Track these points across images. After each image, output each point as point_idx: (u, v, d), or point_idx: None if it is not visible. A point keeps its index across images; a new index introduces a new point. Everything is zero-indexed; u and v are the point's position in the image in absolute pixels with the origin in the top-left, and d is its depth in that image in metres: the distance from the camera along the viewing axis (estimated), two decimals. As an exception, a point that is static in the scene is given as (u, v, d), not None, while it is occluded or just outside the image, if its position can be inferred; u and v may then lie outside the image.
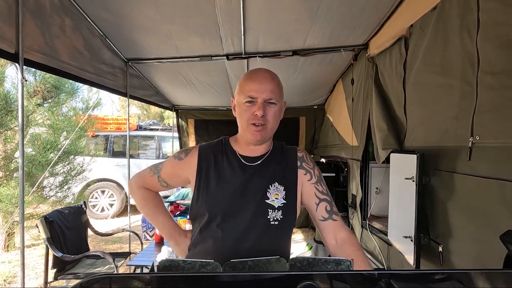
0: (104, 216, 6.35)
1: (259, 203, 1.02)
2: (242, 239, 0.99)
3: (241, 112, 1.04)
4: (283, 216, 1.03)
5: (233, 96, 1.11)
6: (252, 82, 1.02)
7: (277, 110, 1.03)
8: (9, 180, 4.48)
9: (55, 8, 2.01)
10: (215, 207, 1.03)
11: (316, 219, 1.08)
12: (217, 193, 1.04)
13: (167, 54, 2.97)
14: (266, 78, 1.02)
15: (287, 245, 1.08)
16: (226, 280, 0.53)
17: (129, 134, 3.80)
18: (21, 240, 1.84)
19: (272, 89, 1.01)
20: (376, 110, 2.27)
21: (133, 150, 7.09)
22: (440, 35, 1.59)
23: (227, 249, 0.98)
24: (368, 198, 2.69)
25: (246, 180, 1.05)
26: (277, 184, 1.05)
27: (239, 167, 1.07)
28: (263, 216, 1.02)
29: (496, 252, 1.14)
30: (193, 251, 1.08)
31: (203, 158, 1.09)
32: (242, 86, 1.04)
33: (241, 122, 1.05)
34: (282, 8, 2.19)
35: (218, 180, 1.05)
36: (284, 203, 1.04)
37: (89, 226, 3.20)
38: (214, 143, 1.15)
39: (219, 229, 1.01)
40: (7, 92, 4.21)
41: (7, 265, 4.07)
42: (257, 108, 0.99)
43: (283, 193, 1.05)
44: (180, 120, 5.11)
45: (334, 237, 1.04)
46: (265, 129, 1.02)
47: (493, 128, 1.23)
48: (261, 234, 1.01)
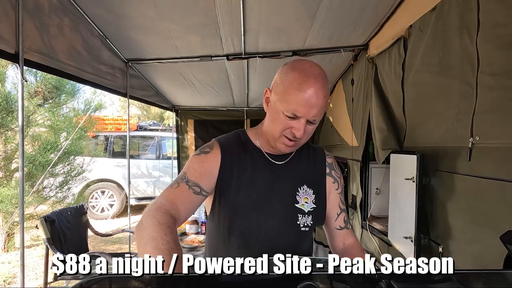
0: (104, 216, 6.35)
1: (288, 208, 0.94)
2: (270, 247, 0.91)
3: (277, 120, 0.87)
4: (313, 222, 0.97)
5: (269, 88, 0.93)
6: (302, 96, 0.82)
7: (315, 126, 0.90)
8: (9, 180, 4.48)
9: (54, 8, 2.01)
10: (239, 212, 0.93)
11: (332, 227, 1.05)
12: (241, 195, 0.93)
13: (167, 54, 2.97)
14: (319, 95, 0.82)
15: (311, 247, 1.06)
16: (226, 281, 0.53)
17: (129, 135, 3.80)
18: (21, 240, 1.84)
19: (321, 108, 0.84)
20: (376, 110, 2.27)
21: (133, 151, 7.09)
22: (439, 35, 1.59)
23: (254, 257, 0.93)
24: (368, 199, 2.69)
25: (274, 181, 0.95)
26: (306, 187, 0.98)
27: (265, 166, 0.96)
28: (292, 221, 0.94)
29: (496, 252, 1.13)
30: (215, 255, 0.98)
31: (225, 154, 0.94)
32: (288, 93, 0.84)
33: (273, 129, 0.90)
34: (282, 9, 2.19)
35: (242, 180, 0.94)
36: (314, 207, 0.97)
37: (89, 227, 3.21)
38: (232, 138, 1.00)
39: (245, 235, 0.93)
40: (8, 93, 4.22)
41: (7, 265, 4.07)
42: (298, 128, 0.84)
43: (313, 197, 0.98)
44: (180, 120, 5.11)
45: (343, 242, 1.04)
46: (297, 144, 0.91)
47: (493, 128, 1.23)
48: (291, 240, 0.94)
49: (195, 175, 0.89)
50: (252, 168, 0.95)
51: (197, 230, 2.77)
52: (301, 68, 0.85)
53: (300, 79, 0.83)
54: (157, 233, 0.71)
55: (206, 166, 0.92)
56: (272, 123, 0.90)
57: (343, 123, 3.46)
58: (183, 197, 0.85)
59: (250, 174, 0.95)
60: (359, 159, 2.77)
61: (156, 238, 0.70)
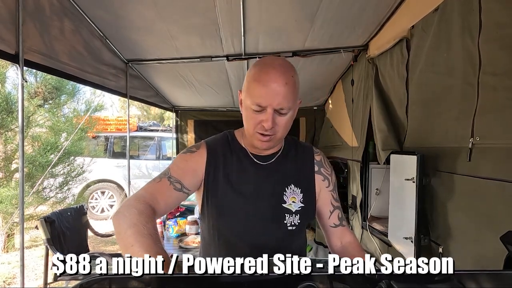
0: (104, 217, 6.34)
1: (275, 208, 0.94)
2: (259, 247, 0.91)
3: (247, 116, 0.88)
4: (301, 221, 0.96)
5: (240, 90, 0.94)
6: (261, 86, 0.83)
7: (289, 118, 0.87)
8: (9, 181, 4.48)
9: (55, 9, 2.01)
10: (226, 212, 0.94)
11: (326, 225, 1.04)
12: (227, 196, 0.94)
13: (167, 55, 2.97)
14: (279, 82, 0.82)
15: (304, 247, 1.05)
16: (227, 281, 0.53)
17: (129, 135, 3.80)
18: (21, 241, 1.83)
19: (285, 96, 0.83)
20: (377, 111, 2.27)
21: (133, 151, 7.08)
22: (442, 36, 1.59)
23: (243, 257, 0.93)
24: (368, 199, 2.69)
25: (260, 182, 0.95)
26: (293, 186, 0.97)
27: (251, 167, 0.96)
28: (279, 221, 0.94)
29: (497, 253, 1.13)
30: (208, 255, 1.00)
31: (211, 155, 0.96)
32: (250, 87, 0.85)
33: (247, 126, 0.91)
34: (282, 9, 2.19)
35: (227, 181, 0.94)
36: (302, 206, 0.96)
37: (89, 227, 3.20)
38: (219, 139, 1.01)
39: (233, 236, 0.94)
40: (8, 93, 4.22)
41: (6, 266, 4.06)
42: (266, 119, 0.84)
43: (300, 196, 0.97)
44: (179, 120, 5.11)
45: (340, 240, 1.03)
46: (273, 139, 0.89)
47: (493, 129, 1.23)
48: (278, 240, 0.94)
49: (178, 172, 0.92)
50: (237, 168, 0.96)
51: (197, 231, 2.77)
52: (262, 63, 0.88)
53: (259, 71, 0.85)
54: (137, 220, 0.73)
55: (190, 165, 0.94)
56: (246, 122, 0.91)
57: (343, 123, 3.46)
58: (163, 192, 0.87)
59: (236, 174, 0.95)
60: (359, 160, 2.77)
61: (137, 224, 0.71)
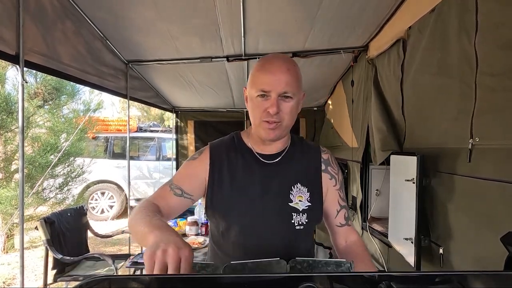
0: (104, 217, 6.34)
1: (282, 207, 0.94)
2: (266, 247, 0.91)
3: (253, 107, 0.92)
4: (308, 220, 0.96)
5: (245, 87, 0.97)
6: (264, 73, 0.88)
7: (294, 105, 0.90)
8: (9, 181, 4.48)
9: (55, 10, 2.01)
10: (232, 212, 0.94)
11: (332, 224, 1.04)
12: (233, 196, 0.95)
13: (167, 55, 2.98)
14: (281, 68, 0.87)
15: (312, 248, 1.04)
16: (226, 282, 0.53)
17: (129, 136, 3.80)
18: (21, 241, 1.83)
19: (288, 81, 0.87)
20: (375, 111, 2.27)
21: (133, 152, 7.09)
22: (438, 36, 1.59)
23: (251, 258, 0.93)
24: (368, 200, 2.69)
25: (266, 181, 0.96)
26: (299, 185, 0.97)
27: (257, 166, 0.97)
28: (287, 220, 0.94)
29: (497, 254, 1.13)
30: (214, 255, 1.01)
31: (215, 156, 0.98)
32: (254, 77, 0.91)
33: (254, 118, 0.93)
34: (282, 10, 2.20)
35: (232, 181, 0.95)
36: (309, 205, 0.96)
37: (88, 228, 3.20)
38: (225, 140, 1.04)
39: (241, 236, 0.93)
40: (8, 94, 4.22)
41: (6, 267, 4.06)
42: (271, 105, 0.86)
43: (307, 194, 0.97)
44: (179, 121, 5.11)
45: (345, 239, 1.04)
46: (279, 126, 0.90)
47: (492, 129, 1.23)
48: (286, 240, 0.94)
49: (178, 179, 0.97)
50: (243, 168, 0.97)
51: (197, 232, 2.77)
52: (264, 57, 0.94)
53: (262, 63, 0.91)
54: (148, 216, 0.79)
55: (191, 171, 0.99)
56: (252, 113, 0.94)
57: (343, 124, 3.47)
58: (163, 198, 0.93)
59: (241, 173, 0.96)
60: (359, 160, 2.77)
61: (149, 215, 0.79)
